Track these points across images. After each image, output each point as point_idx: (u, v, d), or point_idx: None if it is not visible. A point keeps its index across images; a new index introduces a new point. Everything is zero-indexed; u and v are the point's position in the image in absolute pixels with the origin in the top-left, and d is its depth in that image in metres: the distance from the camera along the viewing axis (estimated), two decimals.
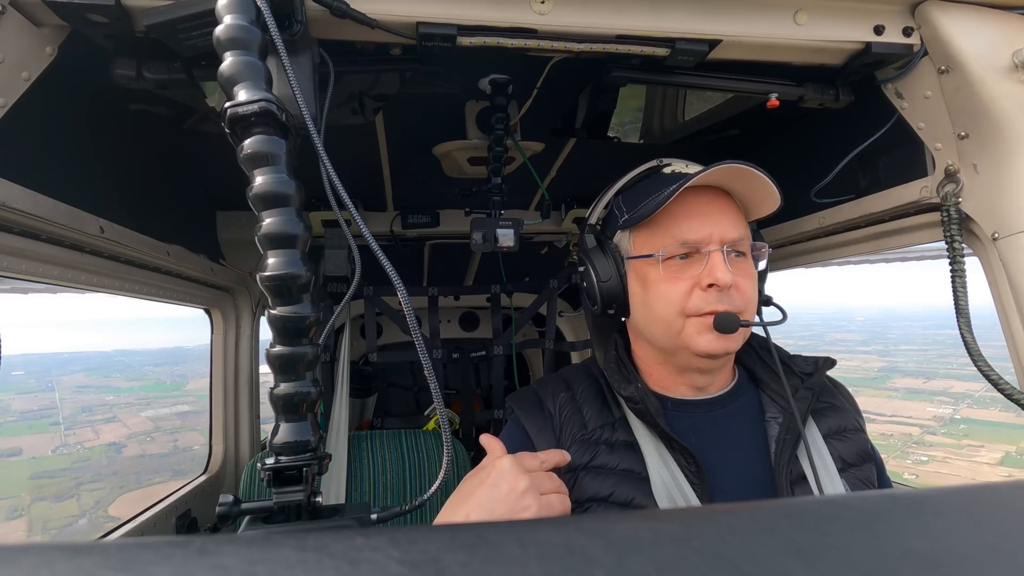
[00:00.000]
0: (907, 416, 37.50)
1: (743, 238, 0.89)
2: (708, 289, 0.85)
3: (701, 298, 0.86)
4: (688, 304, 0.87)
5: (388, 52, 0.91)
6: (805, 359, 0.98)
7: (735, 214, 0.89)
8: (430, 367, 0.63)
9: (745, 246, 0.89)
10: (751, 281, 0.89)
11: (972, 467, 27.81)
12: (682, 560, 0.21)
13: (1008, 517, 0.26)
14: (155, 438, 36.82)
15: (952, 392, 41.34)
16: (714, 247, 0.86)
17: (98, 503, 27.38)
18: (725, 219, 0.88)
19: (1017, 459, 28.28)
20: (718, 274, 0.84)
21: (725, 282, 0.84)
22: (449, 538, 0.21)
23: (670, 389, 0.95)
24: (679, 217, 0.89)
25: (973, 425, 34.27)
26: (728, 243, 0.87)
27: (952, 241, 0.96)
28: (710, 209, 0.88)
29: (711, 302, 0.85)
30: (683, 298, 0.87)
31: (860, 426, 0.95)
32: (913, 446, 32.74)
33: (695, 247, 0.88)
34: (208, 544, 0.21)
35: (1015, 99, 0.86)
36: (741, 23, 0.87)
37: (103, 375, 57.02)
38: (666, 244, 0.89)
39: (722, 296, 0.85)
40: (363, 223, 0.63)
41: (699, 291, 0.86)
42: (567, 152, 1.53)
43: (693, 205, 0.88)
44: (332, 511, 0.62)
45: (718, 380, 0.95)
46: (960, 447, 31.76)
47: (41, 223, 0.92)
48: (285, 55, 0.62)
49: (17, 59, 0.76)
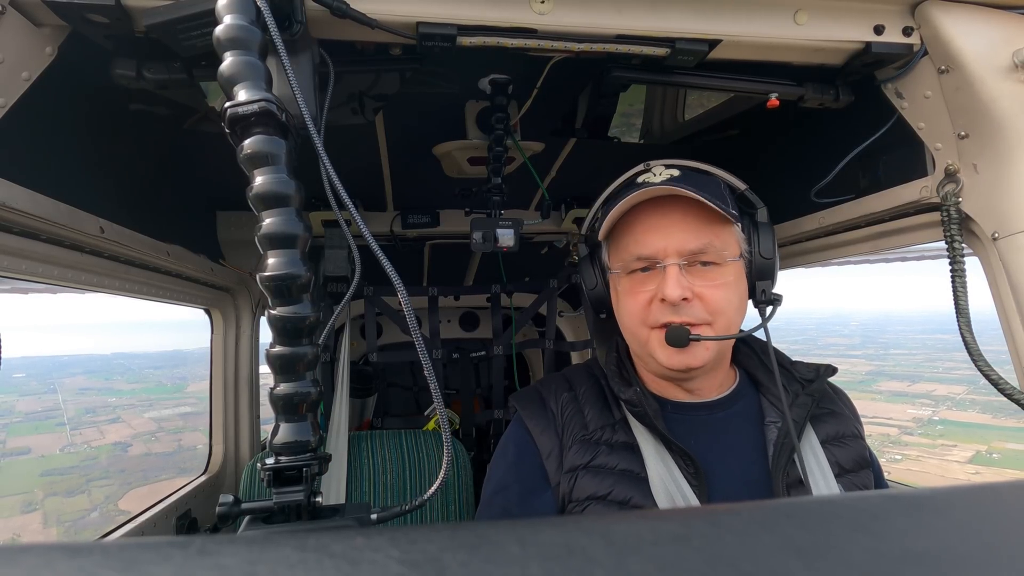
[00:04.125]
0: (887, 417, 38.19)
1: (705, 248, 0.86)
2: (664, 302, 0.86)
3: (659, 310, 0.87)
4: (648, 316, 0.88)
5: (388, 52, 0.91)
6: (807, 365, 0.98)
7: (696, 224, 0.87)
8: (430, 367, 0.63)
9: (713, 254, 0.87)
10: (721, 290, 0.87)
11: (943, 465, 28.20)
12: (682, 560, 0.21)
13: (1008, 517, 0.26)
14: (159, 438, 37.18)
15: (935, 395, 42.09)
16: (670, 260, 0.86)
17: (108, 498, 27.87)
18: (681, 231, 0.86)
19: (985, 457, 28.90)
20: (666, 289, 0.85)
21: (672, 298, 0.84)
22: (449, 538, 0.21)
23: (666, 392, 0.95)
24: (636, 231, 0.90)
25: (950, 426, 35.00)
26: (686, 255, 0.86)
27: (952, 241, 0.96)
28: (666, 222, 0.87)
29: (666, 314, 0.86)
30: (643, 310, 0.89)
31: (859, 433, 0.95)
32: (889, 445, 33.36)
33: (651, 261, 0.89)
34: (208, 544, 0.21)
35: (1015, 99, 0.86)
36: (741, 23, 0.87)
37: (104, 378, 57.30)
38: (625, 259, 0.92)
39: (678, 308, 0.85)
40: (363, 223, 0.63)
41: (657, 303, 0.87)
42: (567, 152, 1.53)
43: (650, 218, 0.89)
44: (332, 511, 0.62)
45: (711, 384, 0.95)
46: (934, 447, 32.46)
47: (41, 223, 0.92)
48: (285, 55, 0.62)
49: (17, 59, 0.76)
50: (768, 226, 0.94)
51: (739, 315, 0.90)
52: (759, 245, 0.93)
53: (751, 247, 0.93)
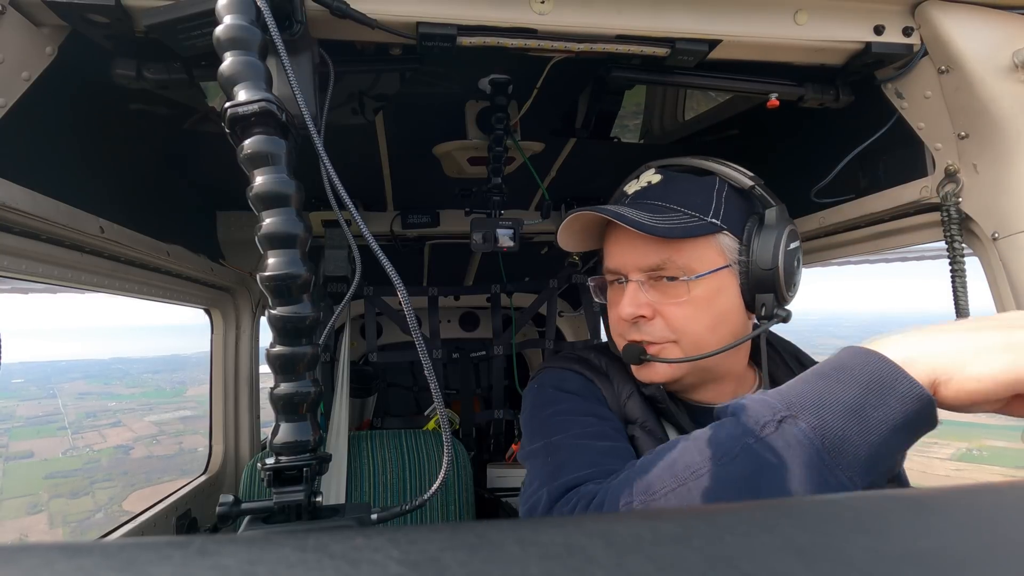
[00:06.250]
0: None
1: (663, 264, 0.82)
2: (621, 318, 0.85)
3: (624, 326, 0.87)
4: (621, 329, 0.88)
5: (388, 52, 0.91)
6: None
7: (654, 239, 0.81)
8: (430, 367, 0.63)
9: (674, 270, 0.82)
10: (683, 308, 0.82)
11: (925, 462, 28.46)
12: (682, 560, 0.21)
13: (1008, 517, 0.26)
14: (160, 441, 37.33)
15: None
16: (632, 276, 0.85)
17: (112, 499, 28.13)
18: (639, 246, 0.83)
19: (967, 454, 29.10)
20: (620, 307, 0.84)
21: (624, 315, 0.84)
22: (449, 538, 0.21)
23: (680, 394, 0.93)
24: (609, 243, 0.90)
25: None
26: (645, 271, 0.84)
27: (952, 241, 0.96)
28: (626, 235, 0.84)
29: (629, 331, 0.86)
30: (618, 324, 0.88)
31: None
32: None
33: (616, 276, 0.88)
34: (208, 544, 0.21)
35: (1015, 99, 0.86)
36: (741, 23, 0.87)
37: (103, 382, 57.42)
38: (604, 270, 0.92)
39: (637, 326, 0.85)
40: (363, 223, 0.63)
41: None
42: (567, 152, 1.53)
43: (616, 231, 0.88)
44: (332, 511, 0.62)
45: (722, 391, 0.92)
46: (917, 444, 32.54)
47: (41, 223, 0.92)
48: (285, 55, 0.62)
49: (17, 59, 0.76)
50: (775, 229, 0.83)
51: (715, 333, 0.83)
52: (756, 253, 0.82)
53: (749, 256, 0.83)
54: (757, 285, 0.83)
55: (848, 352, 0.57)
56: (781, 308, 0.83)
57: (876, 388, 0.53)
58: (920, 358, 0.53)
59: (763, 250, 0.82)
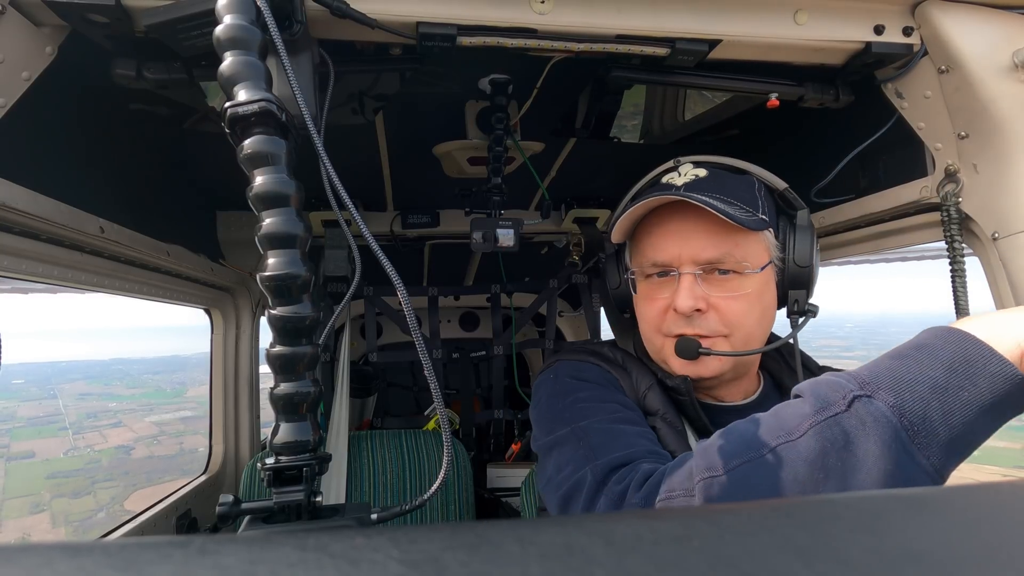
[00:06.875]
0: None
1: (723, 257, 0.82)
2: (677, 312, 0.83)
3: (672, 320, 0.85)
4: (663, 325, 0.86)
5: (388, 52, 0.91)
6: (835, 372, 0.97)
7: (715, 231, 0.82)
8: (430, 367, 0.63)
9: (732, 264, 0.82)
10: (739, 302, 0.83)
11: None
12: (682, 560, 0.21)
13: (1008, 517, 0.26)
14: (161, 441, 37.37)
15: None
16: (685, 269, 0.83)
17: (114, 499, 28.20)
18: (697, 238, 0.82)
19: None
20: (677, 300, 0.82)
21: (682, 309, 0.82)
22: (449, 538, 0.21)
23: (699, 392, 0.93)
24: (653, 235, 0.87)
25: None
26: (702, 263, 0.83)
27: (952, 241, 0.96)
28: (683, 227, 0.84)
29: (680, 325, 0.84)
30: (659, 318, 0.87)
31: None
32: None
33: (665, 268, 0.86)
34: (208, 544, 0.21)
35: (1015, 99, 0.86)
36: (741, 23, 0.87)
37: (103, 383, 57.46)
38: (642, 263, 0.89)
39: (691, 320, 0.83)
40: (363, 223, 0.63)
41: (672, 312, 0.84)
42: (567, 152, 1.53)
43: (668, 223, 0.85)
44: (332, 511, 0.62)
45: (736, 390, 0.93)
46: None
47: (41, 223, 0.92)
48: (285, 55, 0.62)
49: (17, 59, 0.76)
50: (807, 230, 0.86)
51: (761, 327, 0.85)
52: (794, 252, 0.86)
53: (785, 253, 0.87)
54: (792, 282, 0.87)
55: (928, 332, 0.56)
56: (809, 304, 0.87)
57: (963, 368, 0.51)
58: (1007, 337, 0.51)
59: (801, 248, 0.86)
